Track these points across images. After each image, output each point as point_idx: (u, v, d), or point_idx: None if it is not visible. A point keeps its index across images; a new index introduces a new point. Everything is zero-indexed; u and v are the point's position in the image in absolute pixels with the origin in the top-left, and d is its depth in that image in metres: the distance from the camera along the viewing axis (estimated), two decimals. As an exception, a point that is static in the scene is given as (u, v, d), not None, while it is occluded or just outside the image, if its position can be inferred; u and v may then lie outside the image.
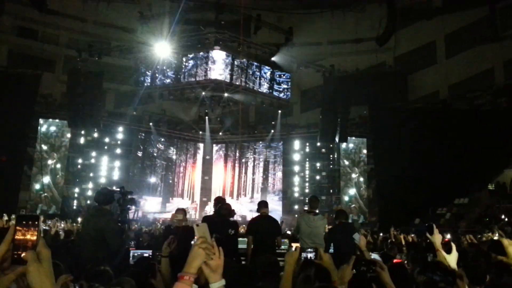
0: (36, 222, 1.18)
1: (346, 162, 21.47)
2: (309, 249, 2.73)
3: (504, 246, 2.18)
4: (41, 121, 19.32)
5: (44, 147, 19.33)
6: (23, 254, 1.13)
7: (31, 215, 1.20)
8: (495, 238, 8.45)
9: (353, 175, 21.36)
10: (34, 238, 1.16)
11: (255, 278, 3.64)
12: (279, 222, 7.54)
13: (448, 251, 2.83)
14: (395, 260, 6.43)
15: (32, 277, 1.12)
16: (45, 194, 18.96)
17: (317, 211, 6.55)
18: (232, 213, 6.37)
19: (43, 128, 19.48)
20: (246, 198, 23.48)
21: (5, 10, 20.52)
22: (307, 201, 7.06)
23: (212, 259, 1.59)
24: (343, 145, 21.14)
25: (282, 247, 6.92)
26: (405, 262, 5.82)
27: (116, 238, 4.84)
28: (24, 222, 1.17)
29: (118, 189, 5.74)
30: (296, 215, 20.09)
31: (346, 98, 19.04)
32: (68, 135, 19.80)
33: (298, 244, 6.09)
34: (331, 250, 6.03)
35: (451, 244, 2.84)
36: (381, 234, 11.97)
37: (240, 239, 6.79)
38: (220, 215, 6.03)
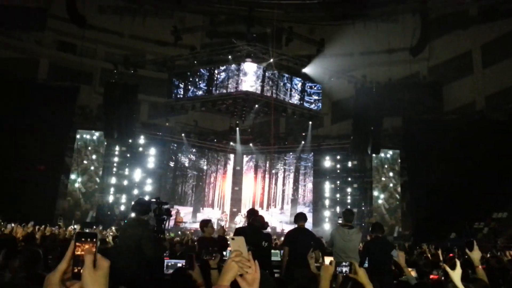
0: (94, 239, 1.24)
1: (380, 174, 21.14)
2: (343, 263, 2.71)
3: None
4: (78, 132, 20.02)
5: (81, 156, 19.99)
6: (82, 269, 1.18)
7: (89, 233, 1.25)
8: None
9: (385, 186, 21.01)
10: (92, 252, 1.22)
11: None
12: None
13: (452, 267, 2.75)
14: (431, 276, 6.28)
15: (86, 282, 1.14)
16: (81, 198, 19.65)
17: (351, 224, 6.46)
18: (266, 225, 6.35)
19: (81, 139, 20.18)
20: (276, 209, 23.38)
21: (47, 26, 21.47)
22: (341, 214, 6.91)
23: (247, 273, 1.61)
24: (376, 156, 20.84)
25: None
26: (442, 278, 5.67)
27: (153, 247, 4.93)
28: (83, 239, 1.23)
29: (154, 200, 5.85)
30: (328, 228, 19.91)
31: (379, 109, 18.78)
32: (104, 146, 20.42)
33: (332, 258, 6.01)
34: (366, 265, 5.93)
35: (455, 260, 2.76)
36: (417, 248, 11.66)
37: (272, 251, 6.77)
38: (254, 227, 6.02)
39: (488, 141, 16.74)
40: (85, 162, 20.44)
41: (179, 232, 17.55)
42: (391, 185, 21.40)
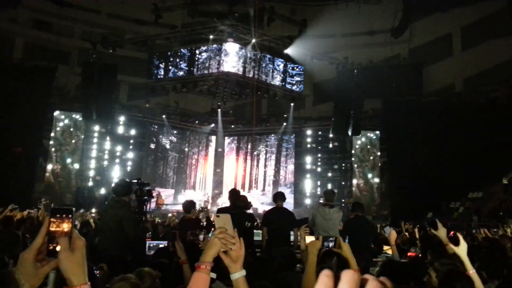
0: (70, 215, 1.21)
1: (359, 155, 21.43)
2: (330, 238, 2.76)
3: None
4: (55, 113, 19.57)
5: (58, 137, 19.61)
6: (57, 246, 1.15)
7: (65, 208, 1.23)
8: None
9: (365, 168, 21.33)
10: (68, 230, 1.19)
11: (272, 270, 3.68)
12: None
13: (456, 243, 2.83)
14: (409, 254, 6.45)
15: (64, 264, 1.13)
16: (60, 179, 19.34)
17: (332, 204, 6.55)
18: (249, 205, 6.40)
19: (58, 120, 19.77)
20: (257, 190, 23.54)
21: (21, 3, 20.71)
22: (322, 194, 6.99)
23: (231, 249, 1.62)
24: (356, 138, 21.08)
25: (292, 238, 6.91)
26: (419, 255, 5.82)
27: (135, 228, 4.92)
28: (58, 215, 1.19)
29: (136, 181, 5.80)
30: (309, 208, 20.16)
31: (360, 91, 18.90)
32: (82, 127, 20.07)
33: (313, 237, 6.09)
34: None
35: (457, 235, 2.84)
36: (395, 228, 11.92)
37: (255, 231, 6.82)
38: (237, 207, 6.05)
39: (466, 123, 17.07)
40: (62, 144, 20.08)
41: (162, 215, 17.53)
42: (371, 165, 21.71)
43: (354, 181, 21.25)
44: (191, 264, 3.15)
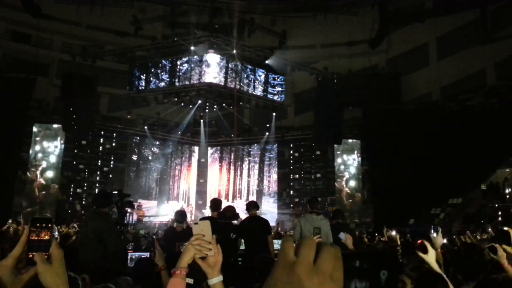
0: (50, 225, 1.24)
1: (340, 164, 21.64)
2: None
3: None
4: (35, 125, 19.28)
5: (38, 150, 19.29)
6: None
7: (44, 218, 1.26)
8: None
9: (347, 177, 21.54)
10: (48, 238, 1.22)
11: (252, 279, 3.70)
12: (276, 224, 7.55)
13: (424, 251, 2.90)
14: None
15: (43, 277, 1.15)
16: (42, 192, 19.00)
17: (318, 211, 6.58)
18: (237, 216, 6.36)
19: (37, 133, 19.46)
20: (241, 200, 23.50)
21: (-2, 15, 20.46)
22: (307, 202, 6.99)
23: (207, 256, 1.66)
24: (338, 146, 21.31)
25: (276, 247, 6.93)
26: (400, 261, 5.91)
27: (114, 239, 4.89)
28: (38, 224, 1.23)
29: (116, 192, 5.78)
30: (292, 217, 20.22)
31: (340, 101, 19.17)
32: (63, 140, 19.80)
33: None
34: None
35: (424, 244, 2.91)
36: (376, 235, 12.07)
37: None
38: (225, 218, 6.00)
39: (443, 130, 17.44)
40: (42, 156, 19.75)
41: (146, 227, 17.37)
42: (352, 174, 21.94)
43: (337, 189, 21.41)
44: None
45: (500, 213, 15.14)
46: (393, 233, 9.92)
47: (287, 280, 0.61)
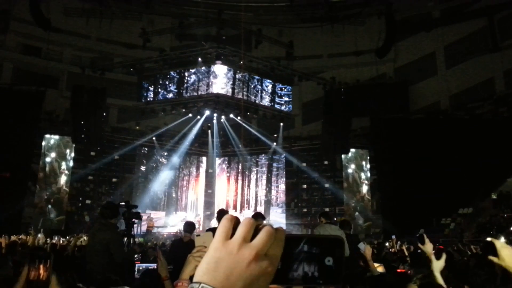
0: (48, 262, 1.26)
1: (349, 173, 21.54)
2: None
3: (496, 248, 2.22)
4: (45, 137, 19.51)
5: (48, 162, 19.47)
6: None
7: (43, 254, 1.28)
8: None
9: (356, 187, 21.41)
10: (46, 276, 1.24)
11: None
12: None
13: (438, 257, 2.92)
14: (398, 270, 6.47)
15: None
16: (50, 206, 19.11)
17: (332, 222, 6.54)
18: None
19: (48, 144, 19.66)
20: (249, 211, 23.45)
21: (9, 28, 20.84)
22: (320, 214, 6.91)
23: None
24: (346, 156, 21.24)
25: None
26: (409, 272, 5.85)
27: (121, 250, 4.91)
28: (37, 261, 1.25)
29: (123, 203, 5.81)
30: (301, 228, 20.11)
31: (347, 110, 19.15)
32: (72, 151, 19.98)
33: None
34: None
35: (443, 253, 2.92)
36: (386, 245, 11.96)
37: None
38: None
39: (452, 139, 17.30)
40: (52, 168, 19.93)
41: (152, 239, 17.37)
42: (361, 184, 21.80)
43: (345, 199, 21.27)
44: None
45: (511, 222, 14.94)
46: (398, 244, 9.85)
47: (219, 255, 0.65)
